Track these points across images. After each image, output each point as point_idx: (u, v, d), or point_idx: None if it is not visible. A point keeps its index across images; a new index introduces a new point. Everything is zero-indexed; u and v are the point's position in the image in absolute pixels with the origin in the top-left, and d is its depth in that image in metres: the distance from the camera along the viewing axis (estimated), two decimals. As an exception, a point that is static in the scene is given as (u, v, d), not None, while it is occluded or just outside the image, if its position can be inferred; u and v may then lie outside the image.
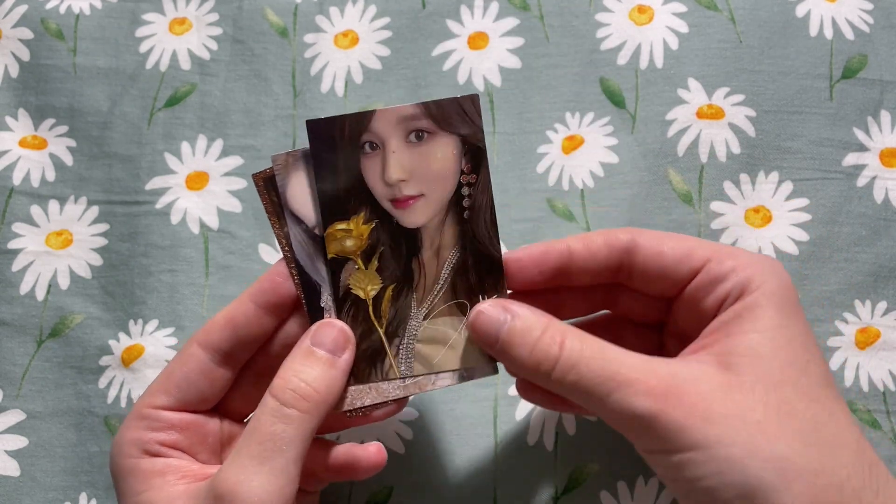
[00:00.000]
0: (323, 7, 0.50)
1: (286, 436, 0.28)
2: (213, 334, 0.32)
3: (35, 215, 0.46)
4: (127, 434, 0.31)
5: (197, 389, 0.32)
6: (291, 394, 0.29)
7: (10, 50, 0.50)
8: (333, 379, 0.30)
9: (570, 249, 0.31)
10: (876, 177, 0.44)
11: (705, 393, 0.27)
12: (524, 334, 0.29)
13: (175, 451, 0.31)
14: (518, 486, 0.39)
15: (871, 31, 0.46)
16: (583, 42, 0.48)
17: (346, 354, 0.31)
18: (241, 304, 0.32)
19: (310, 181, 0.31)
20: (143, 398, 0.32)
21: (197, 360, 0.32)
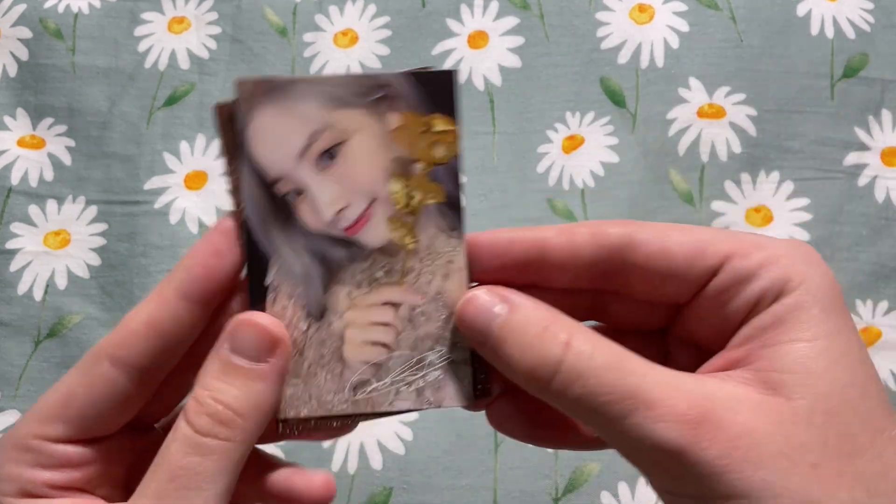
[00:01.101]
0: (322, 6, 0.50)
1: (203, 470, 0.23)
2: (130, 347, 0.24)
3: (33, 215, 0.46)
4: (5, 466, 0.25)
5: (106, 417, 0.25)
6: (208, 420, 0.23)
7: (8, 49, 0.49)
8: (260, 394, 0.24)
9: (544, 241, 0.25)
10: (877, 176, 0.44)
11: (748, 423, 0.21)
12: (520, 330, 0.23)
13: (66, 490, 0.25)
14: (518, 486, 0.39)
15: (872, 30, 0.46)
16: (583, 41, 0.48)
17: (275, 358, 0.24)
18: (164, 302, 0.24)
19: (279, 122, 0.25)
20: (29, 422, 0.25)
21: (109, 383, 0.24)
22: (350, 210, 0.25)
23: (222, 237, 0.25)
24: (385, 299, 0.26)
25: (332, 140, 0.25)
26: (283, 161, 0.25)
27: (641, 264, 0.25)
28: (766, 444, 0.21)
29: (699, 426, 0.21)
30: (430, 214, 0.25)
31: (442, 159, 0.26)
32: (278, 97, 0.25)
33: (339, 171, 0.25)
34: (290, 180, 0.25)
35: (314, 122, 0.25)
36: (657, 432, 0.21)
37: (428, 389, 0.26)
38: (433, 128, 0.25)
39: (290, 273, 0.25)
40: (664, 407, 0.21)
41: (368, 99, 0.25)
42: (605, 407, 0.22)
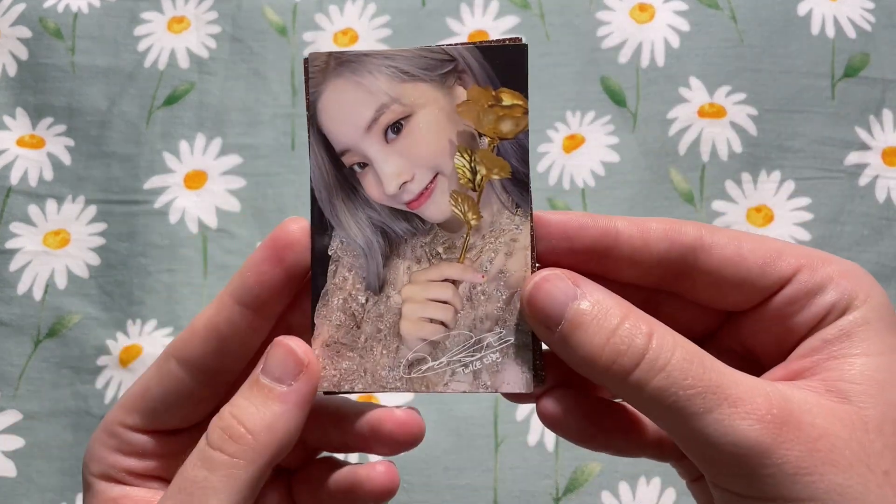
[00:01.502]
0: (322, 5, 0.50)
1: (209, 485, 0.22)
2: (193, 348, 0.25)
3: (33, 215, 0.46)
4: (94, 448, 0.26)
5: (177, 412, 0.26)
6: (219, 434, 0.23)
7: (8, 49, 0.49)
8: (276, 416, 0.23)
9: (616, 231, 0.25)
10: (878, 176, 0.44)
11: (826, 428, 0.21)
12: (599, 318, 0.22)
13: (142, 479, 0.26)
14: (518, 486, 0.39)
15: (873, 29, 0.46)
16: (583, 40, 0.48)
17: (298, 383, 0.24)
18: (222, 307, 0.25)
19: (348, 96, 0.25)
20: (115, 411, 0.26)
21: (176, 380, 0.25)
22: (414, 183, 0.25)
23: (275, 245, 0.25)
24: (445, 276, 0.25)
25: (399, 114, 0.25)
26: (351, 133, 0.25)
27: (714, 268, 0.24)
28: (843, 450, 0.21)
29: (782, 427, 0.21)
30: (495, 190, 0.25)
31: (508, 134, 0.25)
32: (348, 71, 0.25)
33: (404, 145, 0.25)
34: (357, 152, 0.25)
35: (382, 95, 0.25)
36: (741, 429, 0.21)
37: (485, 372, 0.25)
38: (501, 102, 0.25)
39: (352, 244, 0.25)
40: (748, 405, 0.21)
41: (436, 73, 0.25)
42: (686, 401, 0.21)
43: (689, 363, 0.22)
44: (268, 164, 0.46)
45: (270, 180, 0.46)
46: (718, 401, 0.21)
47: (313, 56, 0.25)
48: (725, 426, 0.21)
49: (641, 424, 0.27)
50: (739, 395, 0.21)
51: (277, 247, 0.25)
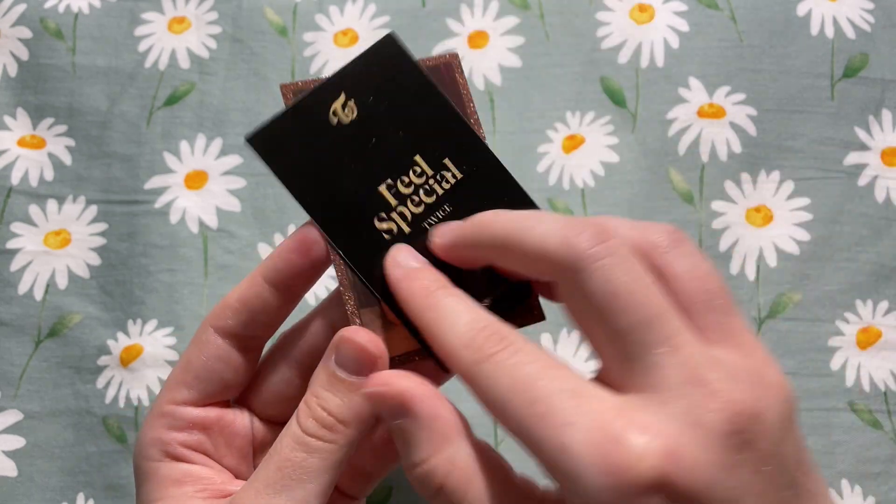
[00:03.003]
0: (322, 5, 0.50)
1: (308, 466, 0.25)
2: (227, 318, 0.28)
3: (33, 215, 0.46)
4: (148, 433, 0.29)
5: (219, 378, 0.29)
6: (314, 424, 0.26)
7: (8, 49, 0.49)
8: (360, 405, 0.26)
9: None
10: (877, 176, 0.44)
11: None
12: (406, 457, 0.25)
13: (198, 454, 0.29)
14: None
15: (873, 30, 0.46)
16: (583, 41, 0.48)
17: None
18: (253, 283, 0.29)
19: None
20: (162, 393, 0.29)
21: (214, 346, 0.28)
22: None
23: (303, 241, 0.28)
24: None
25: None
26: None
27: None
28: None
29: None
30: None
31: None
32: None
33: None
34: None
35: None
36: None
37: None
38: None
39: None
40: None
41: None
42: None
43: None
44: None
45: (271, 180, 0.46)
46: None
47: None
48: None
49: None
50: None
51: (306, 241, 0.28)
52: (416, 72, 0.29)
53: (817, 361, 0.41)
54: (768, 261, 0.43)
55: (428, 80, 0.29)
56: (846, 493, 0.39)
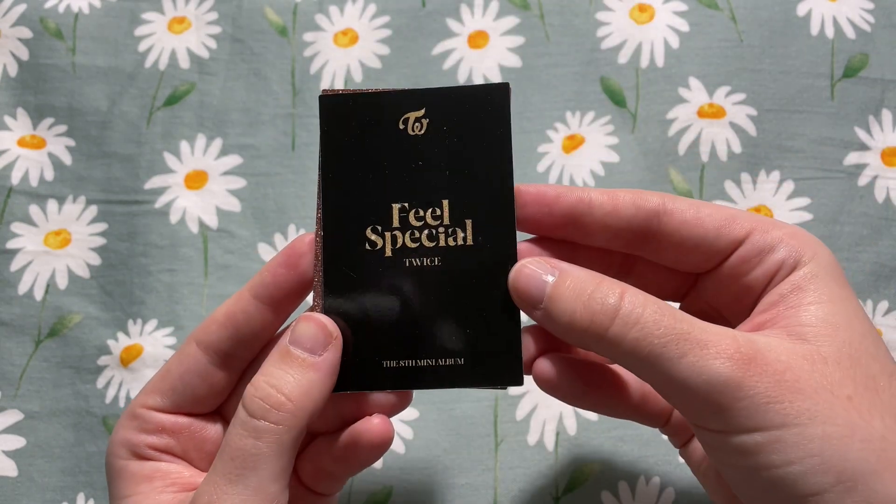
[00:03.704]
0: (322, 6, 0.50)
1: (257, 452, 0.25)
2: (211, 333, 0.29)
3: (33, 215, 0.46)
4: (119, 433, 0.29)
5: (193, 392, 0.29)
6: (260, 403, 0.26)
7: (8, 49, 0.49)
8: (311, 383, 0.26)
9: (590, 199, 0.28)
10: (877, 176, 0.44)
11: (789, 363, 0.23)
12: (574, 288, 0.25)
13: (167, 455, 0.29)
14: (518, 486, 0.39)
15: (873, 30, 0.46)
16: (583, 41, 0.48)
17: (328, 353, 0.27)
18: (240, 299, 0.29)
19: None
20: (137, 397, 0.30)
21: (194, 360, 0.29)
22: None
23: (291, 253, 0.29)
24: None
25: None
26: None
27: (675, 230, 0.28)
28: (807, 380, 0.23)
29: (749, 363, 0.23)
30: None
31: None
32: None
33: None
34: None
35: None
36: (713, 368, 0.23)
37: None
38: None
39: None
40: (717, 346, 0.23)
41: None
42: (661, 348, 0.23)
43: (660, 315, 0.24)
44: (268, 165, 0.46)
45: (271, 180, 0.46)
46: (690, 345, 0.23)
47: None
48: (699, 367, 0.23)
49: (626, 384, 0.30)
50: (708, 339, 0.23)
51: (294, 255, 0.28)
52: (503, 130, 0.29)
53: (817, 361, 0.41)
54: (768, 261, 0.43)
55: (508, 144, 0.29)
56: (846, 492, 0.39)
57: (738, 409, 0.23)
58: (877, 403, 0.23)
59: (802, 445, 0.22)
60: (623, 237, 0.28)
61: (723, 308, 0.29)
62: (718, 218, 0.27)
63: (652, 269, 0.30)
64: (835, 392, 0.23)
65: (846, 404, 0.23)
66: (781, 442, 0.22)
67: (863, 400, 0.23)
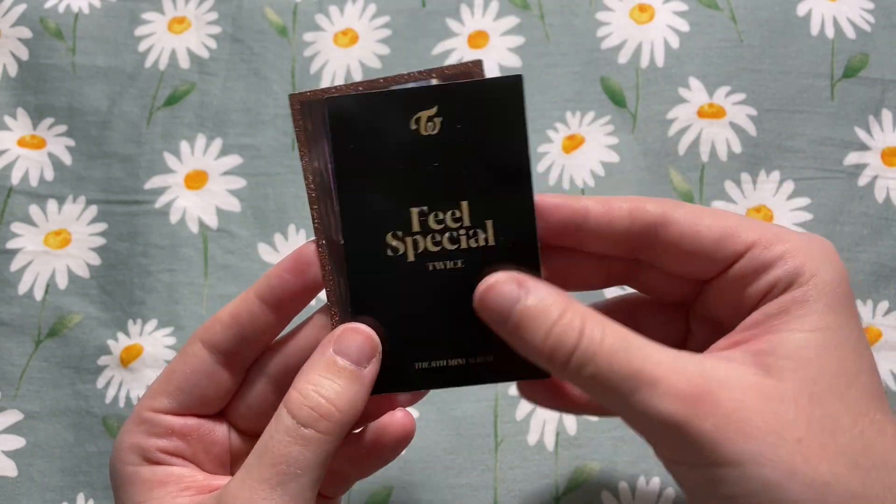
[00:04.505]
0: (322, 6, 0.50)
1: (303, 459, 0.25)
2: (216, 332, 0.29)
3: (33, 215, 0.46)
4: (126, 438, 0.29)
5: (199, 392, 0.29)
6: (309, 412, 0.26)
7: (8, 49, 0.49)
8: (357, 394, 0.27)
9: (586, 209, 0.28)
10: (877, 176, 0.44)
11: (741, 401, 0.23)
12: (540, 315, 0.25)
13: (177, 458, 0.29)
14: (518, 486, 0.39)
15: (873, 30, 0.46)
16: (583, 41, 0.48)
17: (371, 366, 0.27)
18: (246, 300, 0.29)
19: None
20: (142, 400, 0.30)
21: (200, 359, 0.29)
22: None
23: (298, 260, 0.29)
24: None
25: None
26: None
27: (673, 241, 0.27)
28: (756, 420, 0.23)
29: (697, 401, 0.23)
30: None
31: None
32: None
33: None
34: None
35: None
36: (660, 407, 0.23)
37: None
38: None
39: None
40: (666, 385, 0.23)
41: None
42: (614, 385, 0.24)
43: (615, 351, 0.24)
44: (268, 165, 0.46)
45: (271, 180, 0.46)
46: (640, 383, 0.23)
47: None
48: (649, 405, 0.23)
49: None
50: (660, 376, 0.23)
51: (301, 262, 0.29)
52: (518, 124, 0.28)
53: (817, 361, 0.41)
54: (768, 261, 0.43)
55: (524, 138, 0.28)
56: (846, 493, 0.39)
57: (685, 445, 0.23)
58: (829, 447, 0.23)
59: (741, 485, 0.22)
60: (621, 247, 0.28)
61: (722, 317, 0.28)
62: (718, 230, 0.27)
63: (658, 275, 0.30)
64: (784, 434, 0.23)
65: (793, 447, 0.23)
66: (723, 480, 0.23)
67: (813, 443, 0.23)
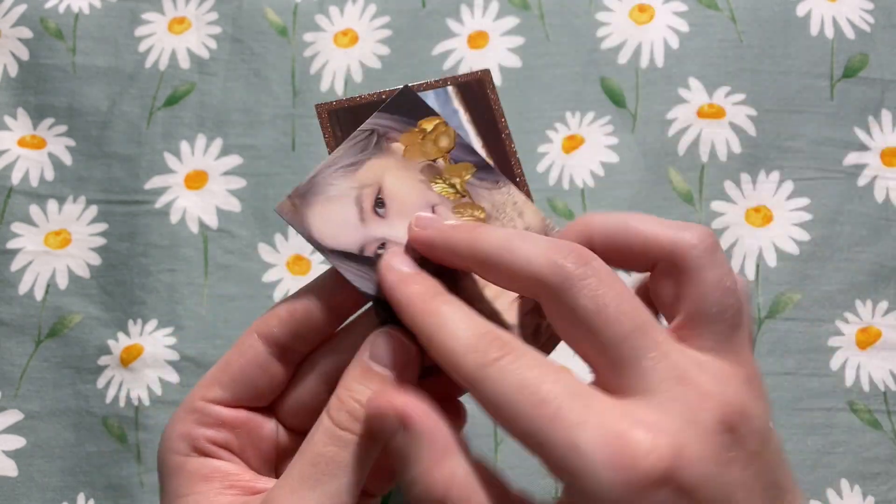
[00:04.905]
0: (323, 6, 0.50)
1: (340, 460, 0.26)
2: (273, 326, 0.29)
3: (34, 215, 0.46)
4: (177, 427, 0.29)
5: (254, 384, 0.29)
6: (346, 416, 0.26)
7: (9, 49, 0.49)
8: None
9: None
10: (877, 176, 0.44)
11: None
12: (417, 452, 0.25)
13: (225, 451, 0.29)
14: (518, 486, 0.39)
15: (872, 30, 0.46)
16: (583, 41, 0.48)
17: (407, 371, 0.27)
18: (304, 297, 0.29)
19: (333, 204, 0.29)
20: (196, 389, 0.29)
21: (255, 351, 0.29)
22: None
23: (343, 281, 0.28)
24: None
25: (373, 193, 0.29)
26: (355, 234, 0.29)
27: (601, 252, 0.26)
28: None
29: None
30: (475, 184, 0.29)
31: (450, 146, 0.30)
32: (311, 196, 0.29)
33: (395, 209, 0.29)
34: (371, 241, 0.29)
35: (351, 192, 0.29)
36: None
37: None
38: (426, 130, 0.30)
39: None
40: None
41: (370, 148, 0.29)
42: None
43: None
44: (268, 165, 0.46)
45: (271, 181, 0.46)
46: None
47: (280, 208, 0.29)
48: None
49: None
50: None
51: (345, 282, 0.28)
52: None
53: (817, 361, 0.41)
54: (768, 261, 0.43)
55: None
56: (846, 492, 0.39)
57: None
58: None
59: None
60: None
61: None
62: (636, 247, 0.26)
63: None
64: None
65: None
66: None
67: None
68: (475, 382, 0.24)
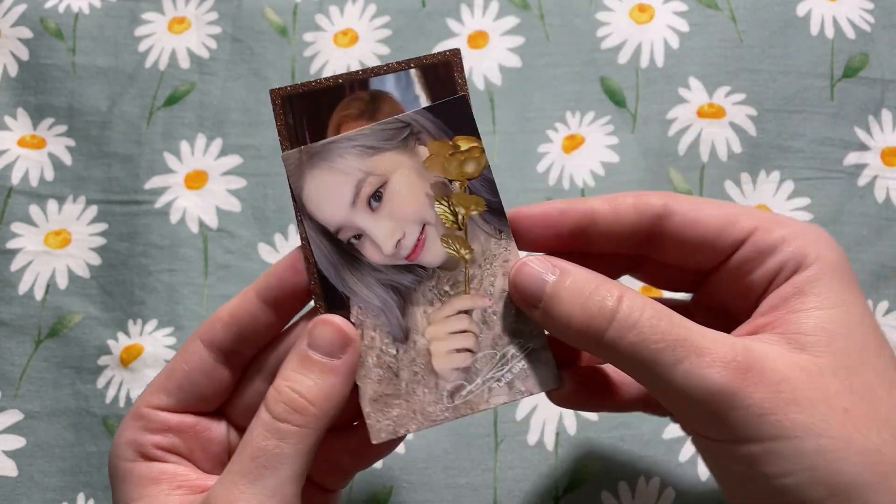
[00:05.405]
0: (322, 6, 0.50)
1: (280, 452, 0.25)
2: (216, 331, 0.29)
3: (34, 215, 0.46)
4: (124, 434, 0.29)
5: (198, 389, 0.29)
6: (284, 407, 0.26)
7: (9, 49, 0.49)
8: (332, 387, 0.27)
9: (593, 211, 0.28)
10: (877, 176, 0.44)
11: (787, 374, 0.23)
12: (574, 289, 0.25)
13: (173, 455, 0.29)
14: (518, 486, 0.39)
15: (872, 30, 0.46)
16: (583, 41, 0.48)
17: (346, 356, 0.27)
18: (245, 299, 0.29)
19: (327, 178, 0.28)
20: (142, 397, 0.30)
21: (199, 357, 0.29)
22: (406, 239, 0.28)
23: (297, 259, 0.28)
24: (457, 309, 0.28)
25: (376, 184, 0.28)
26: (340, 212, 0.28)
27: (676, 231, 0.27)
28: (803, 391, 0.23)
29: (746, 372, 0.23)
30: (477, 223, 0.28)
31: (474, 174, 0.28)
32: (320, 160, 0.28)
33: (388, 208, 0.28)
34: (349, 227, 0.28)
35: (356, 172, 0.28)
36: (709, 376, 0.23)
37: (517, 381, 0.28)
38: (459, 148, 0.28)
39: (370, 307, 0.28)
40: (713, 354, 0.23)
41: (397, 140, 0.28)
42: (657, 354, 0.23)
43: (657, 320, 0.24)
44: (268, 165, 0.46)
45: (271, 180, 0.46)
46: (686, 352, 0.23)
47: (286, 156, 0.28)
48: (695, 375, 0.23)
49: (625, 384, 0.30)
50: (705, 345, 0.23)
51: (299, 260, 0.29)
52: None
53: (817, 361, 0.41)
54: (768, 261, 0.43)
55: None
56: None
57: (733, 418, 0.23)
58: (873, 415, 0.23)
59: (797, 458, 0.22)
60: (627, 243, 0.28)
61: (730, 305, 0.28)
62: (720, 218, 0.27)
63: (660, 268, 0.30)
64: (831, 404, 0.23)
65: (842, 416, 0.23)
66: (776, 454, 0.22)
67: (859, 412, 0.23)
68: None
